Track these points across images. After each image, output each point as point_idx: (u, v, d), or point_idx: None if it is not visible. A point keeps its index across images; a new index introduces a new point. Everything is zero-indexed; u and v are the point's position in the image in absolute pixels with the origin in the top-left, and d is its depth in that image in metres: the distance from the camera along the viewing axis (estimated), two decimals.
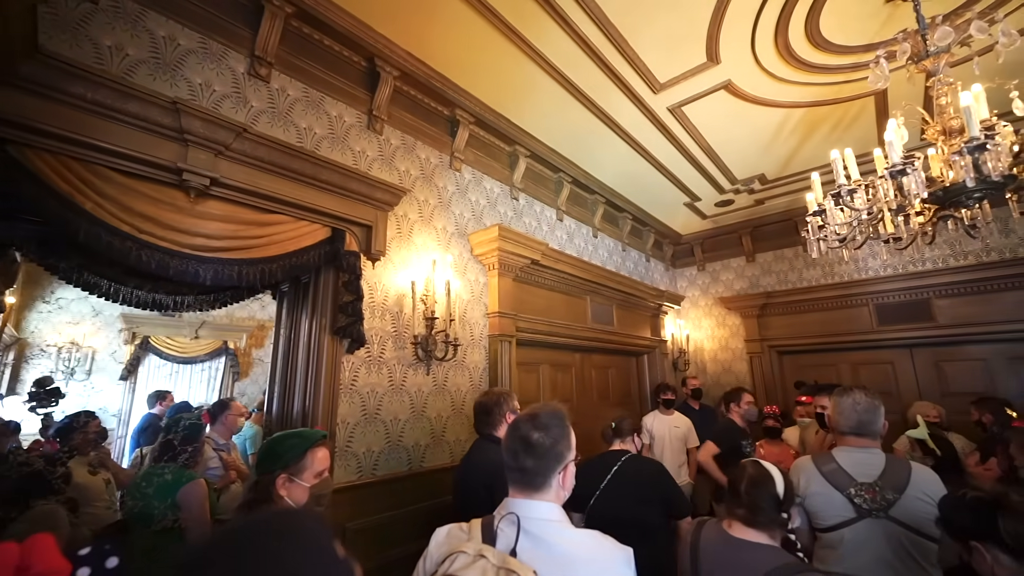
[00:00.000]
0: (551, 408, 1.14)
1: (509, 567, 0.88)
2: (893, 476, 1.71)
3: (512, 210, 3.71)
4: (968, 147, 1.61)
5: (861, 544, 1.70)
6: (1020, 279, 3.92)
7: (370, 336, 2.45)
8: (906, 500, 1.65)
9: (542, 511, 1.04)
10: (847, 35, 2.62)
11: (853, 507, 1.73)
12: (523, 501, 1.05)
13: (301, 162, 2.11)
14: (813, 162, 4.02)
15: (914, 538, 1.62)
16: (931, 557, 1.62)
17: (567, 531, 1.04)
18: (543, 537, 1.00)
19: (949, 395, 4.20)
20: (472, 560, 0.90)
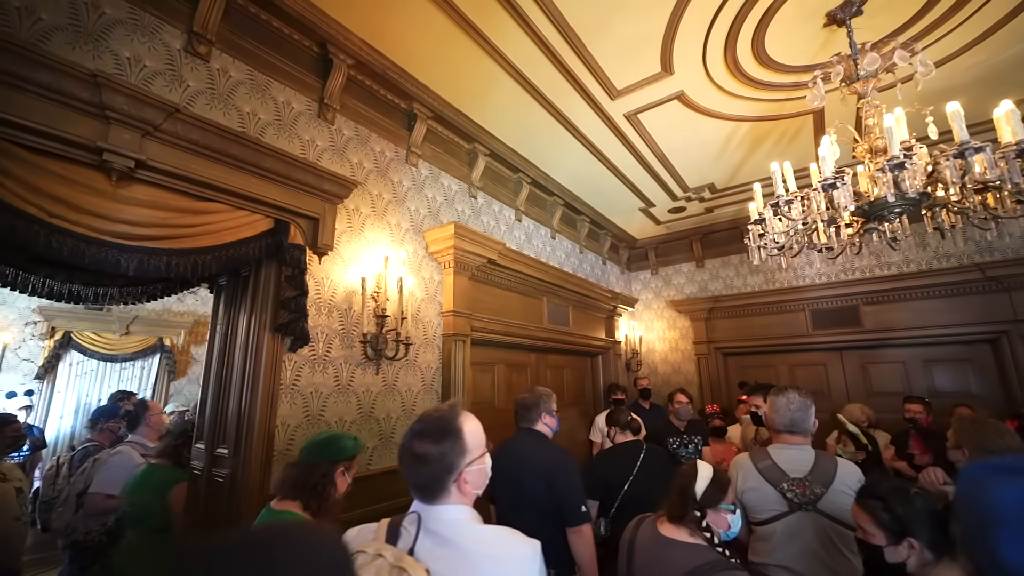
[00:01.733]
0: (439, 416, 1.10)
1: (402, 565, 0.89)
2: (821, 471, 1.82)
3: (470, 208, 3.68)
4: (890, 165, 1.74)
5: (791, 536, 1.79)
6: (933, 289, 4.31)
7: (315, 334, 2.34)
8: (832, 493, 1.76)
9: (447, 513, 1.04)
10: (789, 55, 2.78)
11: (785, 501, 1.82)
12: (426, 505, 1.05)
13: (242, 148, 1.99)
14: (758, 174, 4.24)
15: (838, 528, 1.73)
16: (851, 545, 1.73)
17: (473, 529, 1.04)
18: (447, 536, 1.01)
19: (873, 395, 4.55)
20: (370, 559, 0.91)
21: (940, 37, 2.60)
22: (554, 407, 2.31)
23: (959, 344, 4.28)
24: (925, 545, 1.20)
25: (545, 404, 2.26)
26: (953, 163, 1.68)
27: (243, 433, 2.04)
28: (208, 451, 2.18)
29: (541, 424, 2.24)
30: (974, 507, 0.53)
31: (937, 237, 4.25)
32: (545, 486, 1.95)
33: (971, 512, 0.53)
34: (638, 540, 1.51)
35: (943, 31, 2.57)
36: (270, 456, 2.06)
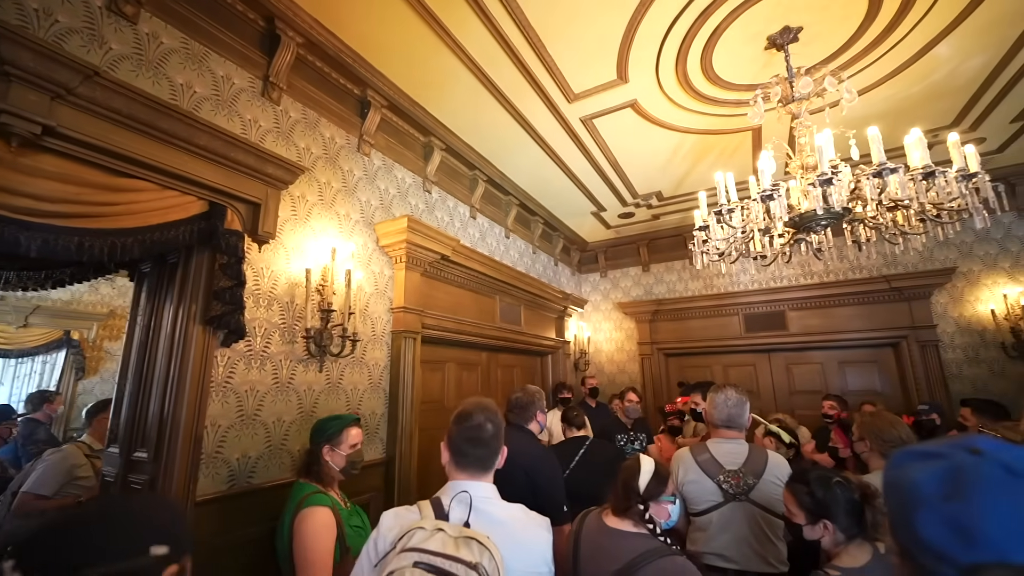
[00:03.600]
0: (489, 403, 1.32)
1: (468, 535, 0.99)
2: (754, 463, 1.94)
3: (424, 203, 3.59)
4: (820, 180, 1.89)
5: (725, 525, 1.90)
6: (849, 297, 4.76)
7: (252, 328, 2.18)
8: (763, 484, 1.89)
9: (485, 490, 1.22)
10: (734, 73, 2.95)
11: (721, 492, 1.93)
12: (469, 482, 1.21)
13: (173, 122, 1.81)
14: (701, 184, 4.47)
15: (767, 517, 1.86)
16: (778, 532, 1.86)
17: (501, 505, 1.23)
18: (486, 510, 1.17)
19: (796, 393, 4.95)
20: (431, 534, 0.99)
21: (861, 69, 2.87)
22: (545, 405, 2.39)
23: (868, 347, 4.76)
24: (839, 527, 1.33)
25: (539, 403, 2.33)
26: (872, 181, 1.86)
27: (166, 435, 1.85)
28: (123, 455, 1.97)
29: (534, 423, 2.30)
30: (897, 490, 0.58)
31: (853, 250, 4.71)
32: (527, 483, 1.98)
33: (894, 495, 0.58)
34: (584, 532, 1.54)
35: (864, 64, 2.84)
36: (197, 460, 1.89)
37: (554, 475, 2.09)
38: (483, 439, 1.24)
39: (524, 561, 1.12)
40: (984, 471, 0.51)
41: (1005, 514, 0.48)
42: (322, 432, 1.83)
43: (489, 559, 0.95)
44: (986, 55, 2.80)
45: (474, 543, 0.96)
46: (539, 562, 1.16)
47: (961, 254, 4.41)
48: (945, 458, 0.55)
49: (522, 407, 2.30)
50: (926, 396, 4.14)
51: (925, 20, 2.51)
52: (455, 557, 0.93)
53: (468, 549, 0.95)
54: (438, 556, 0.93)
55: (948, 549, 0.50)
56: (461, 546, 0.95)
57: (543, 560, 1.17)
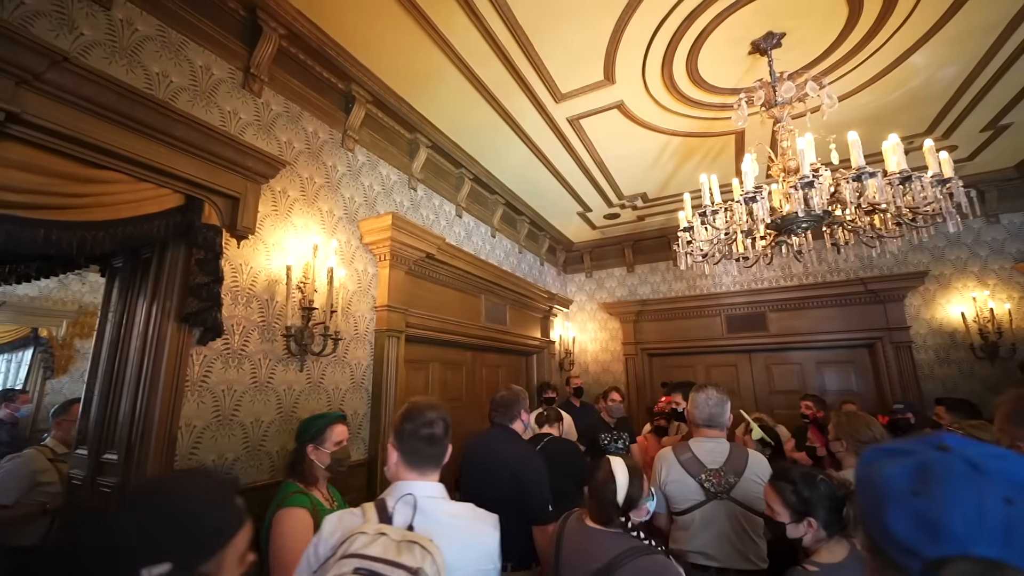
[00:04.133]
0: (437, 401, 1.33)
1: (410, 539, 0.98)
2: (735, 462, 1.96)
3: (409, 200, 3.56)
4: (801, 183, 1.92)
5: (707, 523, 1.91)
6: (827, 299, 4.87)
7: (230, 325, 2.12)
8: (743, 482, 1.91)
9: (432, 490, 1.19)
10: (718, 77, 2.99)
11: (703, 491, 1.94)
12: (418, 483, 1.19)
13: (148, 112, 1.74)
14: (685, 187, 4.52)
15: (747, 514, 1.87)
16: (758, 530, 1.89)
17: (448, 505, 1.21)
18: (431, 511, 1.14)
19: (775, 392, 5.04)
20: (373, 539, 0.97)
21: (842, 75, 2.94)
22: (528, 405, 2.41)
23: (844, 348, 4.87)
24: (821, 524, 1.34)
25: (523, 402, 2.35)
26: (852, 185, 1.90)
27: (138, 436, 1.79)
28: (92, 457, 1.90)
29: (518, 422, 2.31)
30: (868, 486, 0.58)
31: (831, 253, 4.82)
32: (512, 482, 1.99)
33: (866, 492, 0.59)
34: (565, 532, 1.54)
35: (844, 70, 2.90)
36: (170, 461, 1.83)
37: (540, 475, 2.08)
38: (437, 436, 1.23)
39: (469, 559, 1.14)
40: (950, 467, 0.52)
41: (968, 508, 0.49)
42: (306, 431, 1.83)
43: (431, 563, 0.94)
44: (959, 65, 2.89)
45: (416, 547, 0.95)
46: (484, 559, 1.17)
47: (933, 258, 4.55)
48: (914, 455, 0.56)
49: (506, 406, 2.31)
50: (900, 396, 4.25)
51: (902, 29, 2.58)
52: (396, 563, 0.91)
53: (410, 554, 0.93)
54: (379, 562, 0.91)
55: (915, 543, 0.50)
56: (403, 551, 0.94)
57: (488, 557, 1.18)
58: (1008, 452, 0.56)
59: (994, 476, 0.50)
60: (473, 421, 3.77)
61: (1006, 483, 0.50)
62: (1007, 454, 0.55)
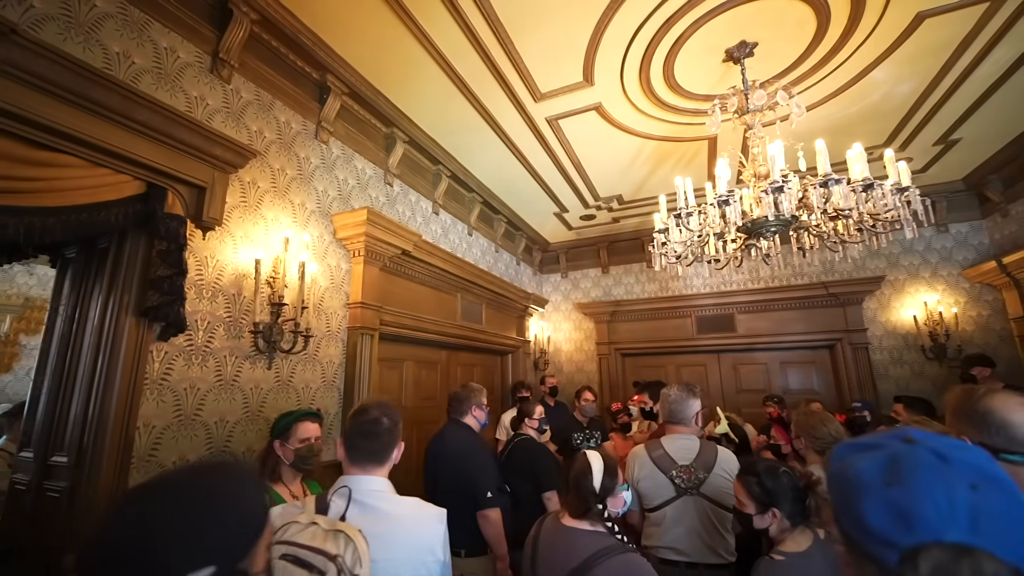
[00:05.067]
0: (387, 400, 1.42)
1: (338, 528, 1.04)
2: (704, 458, 2.01)
3: (385, 196, 3.49)
4: (772, 188, 1.98)
5: (678, 518, 1.95)
6: (791, 301, 5.06)
7: (194, 321, 2.03)
8: (713, 478, 1.95)
9: (374, 484, 1.24)
10: (693, 83, 3.06)
11: (674, 487, 1.98)
12: (359, 477, 1.25)
13: (107, 93, 1.64)
14: (660, 190, 4.59)
15: (716, 509, 1.92)
16: (727, 524, 1.94)
17: (393, 498, 1.26)
18: (372, 504, 1.20)
19: (742, 391, 5.21)
20: (304, 527, 1.05)
21: (809, 87, 3.06)
22: (484, 401, 2.52)
23: (807, 349, 5.08)
24: (785, 514, 1.39)
25: (475, 398, 2.48)
26: (819, 191, 1.98)
27: (90, 437, 1.68)
28: (38, 460, 1.77)
29: (470, 416, 2.43)
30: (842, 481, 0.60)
31: (797, 257, 5.01)
32: (459, 473, 2.11)
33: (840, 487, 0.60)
34: (541, 534, 1.54)
35: (811, 82, 3.02)
36: (127, 464, 1.73)
37: (481, 463, 2.24)
38: (376, 432, 1.28)
39: (408, 550, 1.19)
40: (918, 457, 0.54)
41: (939, 497, 0.51)
42: (274, 428, 1.84)
43: (352, 551, 1.00)
44: (914, 82, 3.06)
45: (341, 536, 1.02)
46: (423, 550, 1.21)
47: (889, 264, 4.80)
48: (883, 448, 0.58)
49: (459, 401, 2.46)
50: (857, 394, 4.46)
51: (865, 45, 2.71)
52: (318, 549, 0.99)
53: (334, 541, 1.01)
54: (303, 548, 1.00)
55: (891, 533, 0.52)
56: (328, 539, 1.02)
57: (428, 549, 1.22)
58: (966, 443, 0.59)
59: (959, 465, 0.53)
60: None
61: (971, 471, 0.52)
62: (966, 445, 0.58)
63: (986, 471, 0.53)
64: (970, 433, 1.12)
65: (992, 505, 0.50)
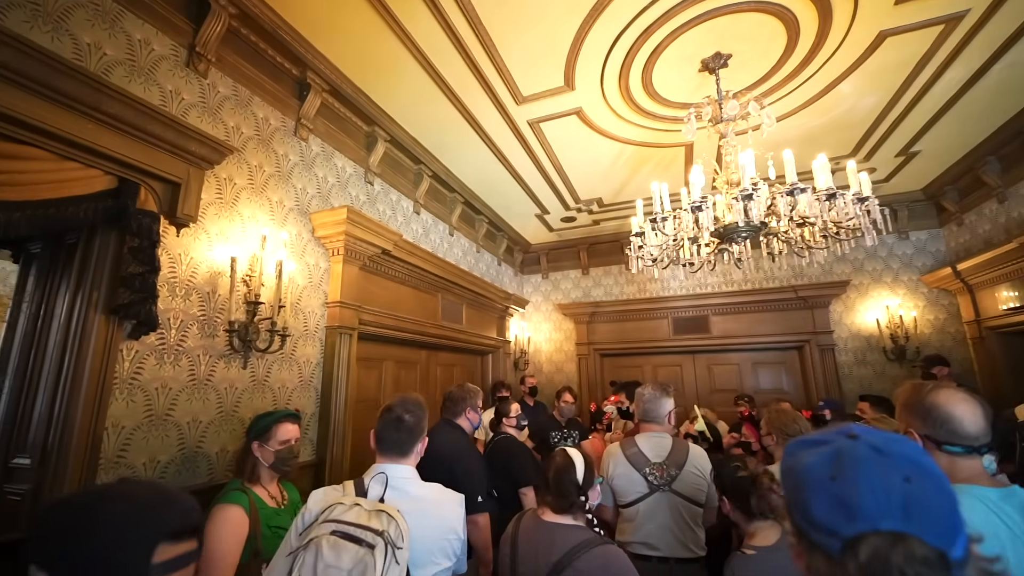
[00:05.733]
0: (416, 398, 1.56)
1: (380, 508, 1.16)
2: (676, 455, 2.07)
3: (365, 194, 3.47)
4: (742, 195, 2.06)
5: (651, 514, 2.01)
6: (763, 304, 5.23)
7: (166, 319, 1.99)
8: (684, 474, 2.02)
9: (404, 472, 1.41)
10: (671, 91, 3.15)
11: (647, 483, 2.04)
12: (391, 465, 1.41)
13: (77, 85, 1.60)
14: (638, 194, 4.70)
15: (688, 505, 1.99)
16: (698, 519, 2.00)
17: (419, 483, 1.44)
18: (403, 488, 1.36)
19: (715, 391, 5.35)
20: (349, 508, 1.16)
21: (779, 98, 3.18)
22: (480, 403, 2.53)
23: (777, 350, 5.26)
24: (736, 506, 1.52)
25: (472, 400, 2.46)
26: (786, 199, 2.06)
27: (56, 438, 1.63)
28: None
29: (464, 418, 2.42)
30: (792, 475, 0.64)
31: (767, 261, 5.17)
32: (448, 474, 2.05)
33: (790, 480, 0.64)
34: (520, 532, 1.56)
35: (781, 94, 3.14)
36: (94, 466, 1.69)
37: (472, 468, 2.21)
38: (400, 427, 1.44)
39: (435, 529, 1.34)
40: (858, 452, 0.59)
41: (876, 487, 0.55)
42: (252, 428, 1.81)
43: (396, 528, 1.12)
44: (878, 96, 3.21)
45: (384, 515, 1.14)
46: (448, 530, 1.36)
47: (854, 269, 5.01)
48: (829, 444, 0.62)
49: (454, 402, 2.43)
50: (824, 394, 4.65)
51: (832, 60, 2.83)
52: (366, 526, 1.10)
53: (378, 520, 1.12)
54: (351, 525, 1.11)
55: (834, 524, 0.56)
56: (372, 517, 1.13)
57: (451, 529, 1.38)
58: (903, 437, 0.64)
59: (895, 458, 0.57)
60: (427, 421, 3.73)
61: (905, 463, 0.57)
62: (902, 439, 0.62)
63: (918, 463, 0.57)
64: (916, 426, 1.20)
65: (923, 495, 0.54)
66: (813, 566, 0.61)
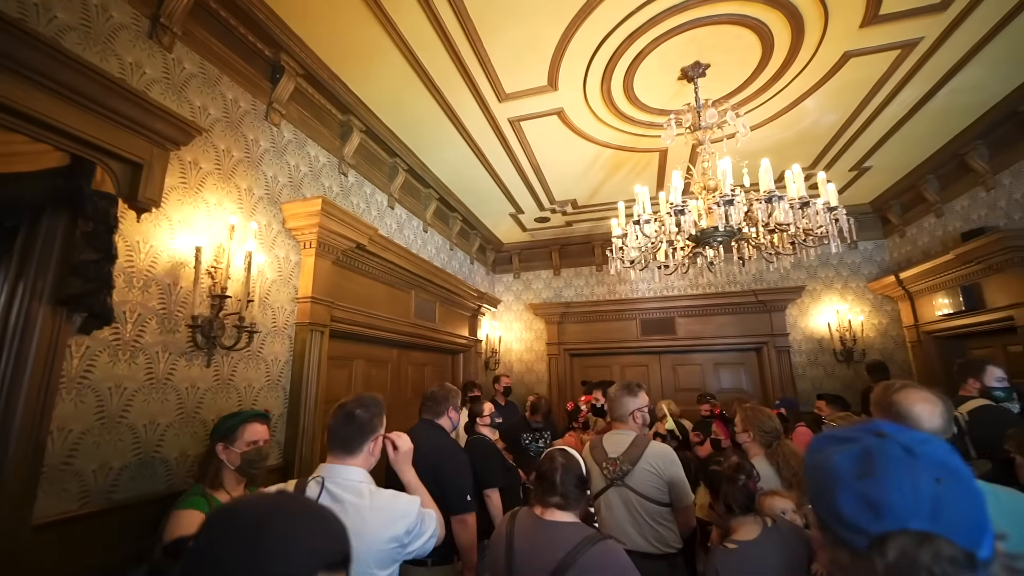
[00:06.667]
0: (373, 395, 1.51)
1: None
2: (632, 451, 2.09)
3: (339, 186, 3.33)
4: (724, 200, 2.13)
5: (609, 509, 2.05)
6: (726, 307, 5.45)
7: (122, 312, 1.82)
8: (637, 471, 2.04)
9: (349, 474, 1.34)
10: (650, 97, 3.21)
11: (604, 478, 2.07)
12: (336, 466, 1.36)
13: (27, 49, 1.43)
14: (612, 197, 4.79)
15: (643, 501, 2.00)
16: (657, 516, 1.99)
17: (367, 488, 1.33)
18: (341, 495, 1.29)
19: (680, 390, 5.52)
20: None
21: (751, 110, 3.31)
22: (460, 403, 2.50)
23: (737, 351, 5.50)
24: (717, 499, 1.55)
25: (453, 399, 2.43)
26: (764, 206, 2.15)
27: None
28: None
29: (446, 418, 2.37)
30: (819, 472, 0.64)
31: (729, 266, 5.41)
32: (432, 474, 1.99)
33: (817, 476, 0.64)
34: (516, 531, 1.53)
35: (752, 106, 3.28)
36: (36, 473, 1.51)
37: (458, 468, 2.16)
38: (350, 422, 1.39)
39: (371, 539, 1.26)
40: (888, 451, 0.59)
41: (905, 488, 0.56)
42: (216, 430, 1.73)
43: None
44: (838, 113, 3.42)
45: None
46: (388, 540, 1.29)
47: (809, 275, 5.32)
48: (856, 441, 0.63)
49: (435, 401, 2.37)
50: (779, 393, 4.90)
51: (800, 76, 2.98)
52: None
53: None
54: None
55: (861, 521, 0.56)
56: None
57: (393, 538, 1.30)
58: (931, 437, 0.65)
59: (925, 459, 0.58)
60: (398, 421, 3.63)
61: (935, 465, 0.57)
62: (930, 439, 0.62)
63: (948, 465, 0.58)
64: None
65: (952, 496, 0.55)
66: (837, 559, 0.62)
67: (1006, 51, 2.75)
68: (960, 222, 4.12)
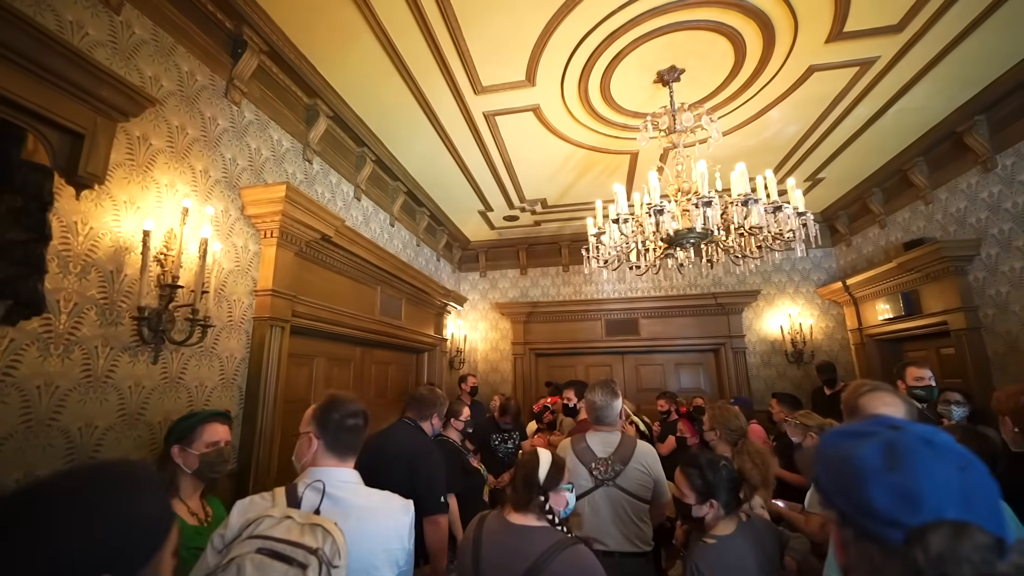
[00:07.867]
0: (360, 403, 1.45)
1: (314, 522, 1.03)
2: (622, 451, 2.10)
3: (303, 172, 3.14)
4: (702, 201, 2.17)
5: (596, 509, 2.03)
6: (686, 309, 5.63)
7: (55, 301, 1.61)
8: (628, 470, 2.05)
9: (345, 476, 1.31)
10: (626, 99, 3.25)
11: (592, 478, 2.06)
12: (332, 469, 1.29)
13: None
14: (582, 197, 4.83)
15: (631, 500, 2.01)
16: (642, 515, 2.04)
17: (363, 490, 1.31)
18: (342, 497, 1.24)
19: (642, 390, 5.65)
20: (278, 521, 1.02)
21: (720, 116, 3.41)
22: (444, 413, 2.51)
23: (697, 352, 5.69)
24: (721, 504, 1.51)
25: (440, 408, 2.42)
26: (740, 208, 2.21)
27: None
28: None
29: (428, 423, 2.34)
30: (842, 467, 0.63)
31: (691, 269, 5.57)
32: (407, 473, 1.96)
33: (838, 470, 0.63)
34: (484, 534, 1.48)
35: (722, 113, 3.37)
36: None
37: (433, 468, 2.11)
38: (360, 427, 1.38)
39: (378, 539, 1.23)
40: (911, 443, 0.59)
41: (937, 478, 0.56)
42: (171, 432, 1.60)
43: (331, 544, 1.00)
44: (799, 125, 3.60)
45: (319, 529, 1.02)
46: (392, 539, 1.27)
47: (764, 280, 5.58)
48: (875, 435, 0.63)
49: (424, 404, 2.33)
50: (735, 392, 5.11)
51: (768, 86, 3.10)
52: (297, 543, 0.98)
53: (312, 535, 1.00)
54: (280, 542, 0.98)
55: (897, 514, 0.56)
56: (306, 532, 1.01)
57: (397, 537, 1.28)
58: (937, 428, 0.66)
59: (944, 448, 0.58)
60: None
61: (955, 453, 0.58)
62: (937, 430, 0.64)
63: (965, 453, 0.59)
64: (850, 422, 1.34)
65: (977, 483, 0.56)
66: (864, 555, 0.60)
67: (951, 74, 2.98)
68: (901, 233, 4.45)
